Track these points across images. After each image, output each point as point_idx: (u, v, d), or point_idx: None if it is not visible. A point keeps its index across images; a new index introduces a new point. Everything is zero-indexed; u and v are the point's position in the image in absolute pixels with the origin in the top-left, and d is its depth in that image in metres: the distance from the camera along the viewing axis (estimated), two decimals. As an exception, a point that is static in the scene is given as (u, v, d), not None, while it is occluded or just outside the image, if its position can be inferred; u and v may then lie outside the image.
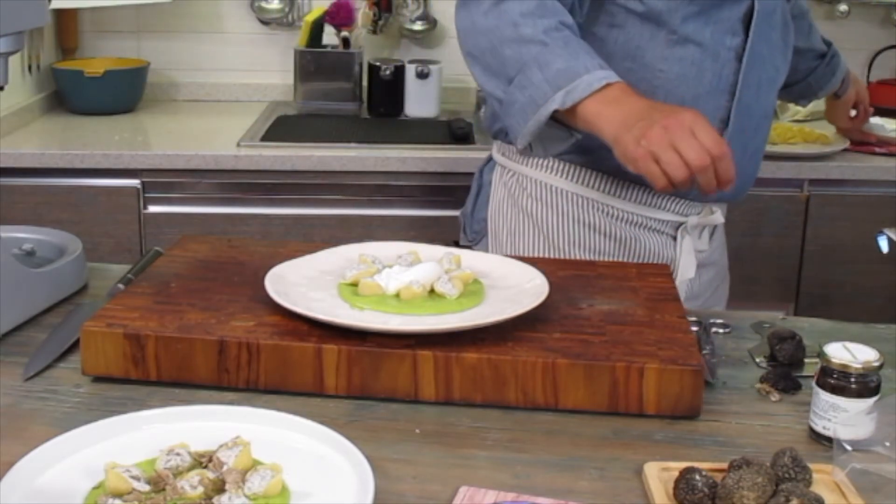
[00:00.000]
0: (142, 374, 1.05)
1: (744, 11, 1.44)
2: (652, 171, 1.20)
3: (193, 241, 1.32)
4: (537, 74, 1.31)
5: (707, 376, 1.07)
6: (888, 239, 2.46)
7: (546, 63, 1.31)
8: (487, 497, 0.85)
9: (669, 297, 1.18)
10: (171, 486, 0.82)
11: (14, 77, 2.64)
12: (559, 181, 1.52)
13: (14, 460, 0.84)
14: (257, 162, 2.44)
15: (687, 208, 1.53)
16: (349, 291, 1.13)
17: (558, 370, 1.01)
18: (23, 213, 2.36)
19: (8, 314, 1.16)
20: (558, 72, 1.30)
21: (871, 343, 0.99)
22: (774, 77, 1.53)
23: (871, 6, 3.01)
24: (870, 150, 2.58)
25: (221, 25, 3.04)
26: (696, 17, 1.42)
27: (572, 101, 1.28)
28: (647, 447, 0.96)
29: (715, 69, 1.44)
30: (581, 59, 1.31)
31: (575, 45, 1.33)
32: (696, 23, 1.42)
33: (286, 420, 0.93)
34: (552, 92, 1.30)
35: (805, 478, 0.86)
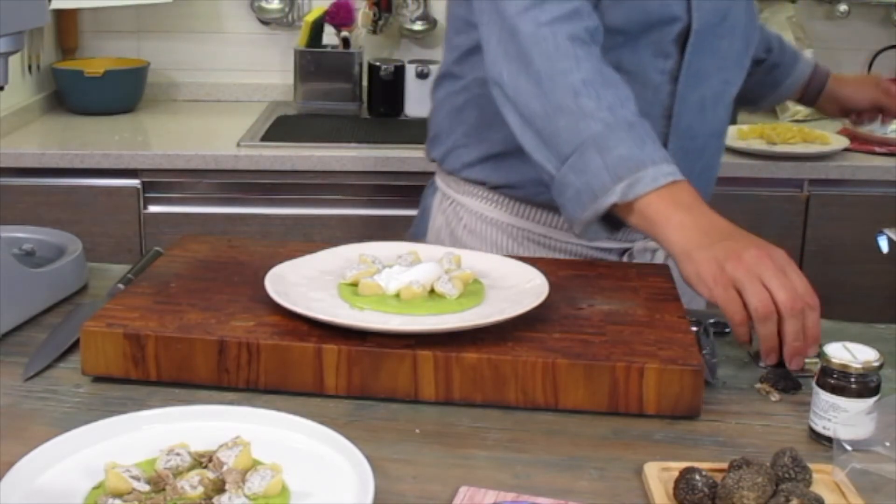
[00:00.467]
0: (142, 374, 1.05)
1: (677, 32, 1.34)
2: (731, 300, 1.08)
3: (193, 241, 1.32)
4: (596, 159, 1.18)
5: (707, 376, 1.07)
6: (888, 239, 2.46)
7: (607, 147, 1.18)
8: (487, 497, 0.85)
9: (669, 297, 1.18)
10: (171, 486, 0.82)
11: (14, 77, 2.64)
12: (495, 212, 1.45)
13: (14, 460, 0.84)
14: (257, 162, 2.44)
15: (629, 234, 1.41)
16: (349, 291, 1.13)
17: (558, 370, 1.01)
18: (23, 213, 2.36)
19: (8, 314, 1.16)
20: (620, 159, 1.17)
21: (871, 343, 0.99)
22: (723, 91, 1.44)
23: (871, 6, 3.01)
24: (870, 149, 2.58)
25: (221, 25, 3.04)
26: (623, 45, 1.32)
27: (634, 196, 1.16)
28: (647, 447, 0.96)
29: (646, 95, 1.32)
30: (647, 148, 1.18)
31: (640, 130, 1.20)
32: (623, 51, 1.32)
33: (286, 420, 0.93)
34: (612, 182, 1.17)
35: (805, 478, 0.86)
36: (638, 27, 1.33)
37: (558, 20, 1.23)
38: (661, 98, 1.37)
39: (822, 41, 3.04)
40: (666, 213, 1.16)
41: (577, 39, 1.23)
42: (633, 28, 1.33)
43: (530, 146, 1.25)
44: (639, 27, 1.33)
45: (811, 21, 3.04)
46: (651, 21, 1.33)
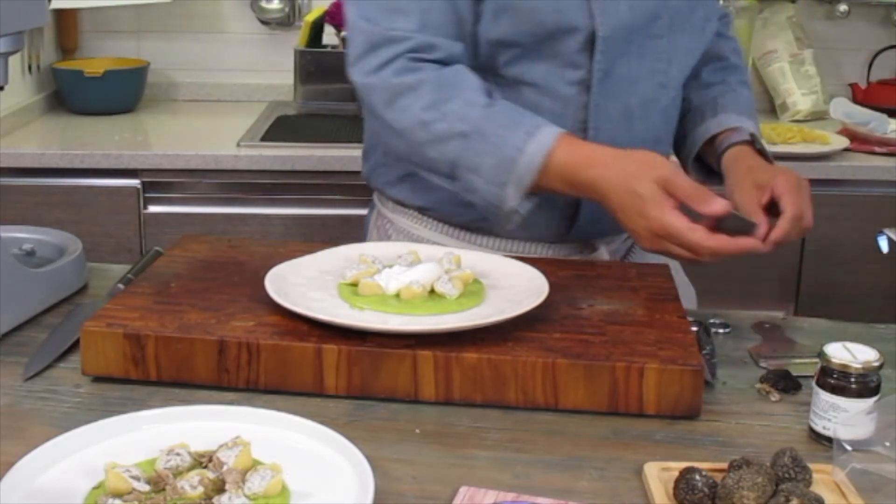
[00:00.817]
0: (142, 374, 1.05)
1: (582, 41, 1.26)
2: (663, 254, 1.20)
3: (193, 241, 1.32)
4: (477, 180, 1.21)
5: (707, 376, 1.07)
6: (888, 239, 2.46)
7: (476, 165, 1.20)
8: (487, 497, 0.85)
9: (669, 297, 1.18)
10: (171, 486, 0.82)
11: (14, 77, 2.64)
12: (422, 230, 1.41)
13: (14, 460, 0.84)
14: (257, 162, 2.43)
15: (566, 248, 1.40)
16: (349, 291, 1.13)
17: (558, 370, 1.01)
18: (23, 213, 2.36)
19: (8, 314, 1.16)
20: (493, 169, 1.20)
21: (871, 343, 0.99)
22: (657, 96, 1.34)
23: (871, 6, 3.01)
24: (870, 149, 2.58)
25: (221, 25, 3.04)
26: (522, 57, 1.27)
27: (527, 189, 1.20)
28: (647, 447, 0.96)
29: (555, 108, 1.28)
30: (507, 140, 1.19)
31: (492, 124, 1.20)
32: (524, 63, 1.28)
33: (286, 420, 0.93)
34: (501, 191, 1.20)
35: (805, 478, 0.86)
36: (532, 39, 1.26)
37: (384, 64, 1.23)
38: (573, 110, 1.29)
39: (822, 41, 3.04)
40: (561, 189, 1.22)
41: (403, 71, 1.22)
42: (526, 40, 1.26)
43: (425, 174, 1.29)
44: (533, 39, 1.26)
45: (811, 21, 3.04)
46: (545, 32, 1.26)
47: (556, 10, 1.25)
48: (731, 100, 1.44)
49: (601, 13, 1.25)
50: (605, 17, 1.25)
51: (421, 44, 1.22)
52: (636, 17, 1.28)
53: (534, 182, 1.20)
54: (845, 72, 3.08)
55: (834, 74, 3.05)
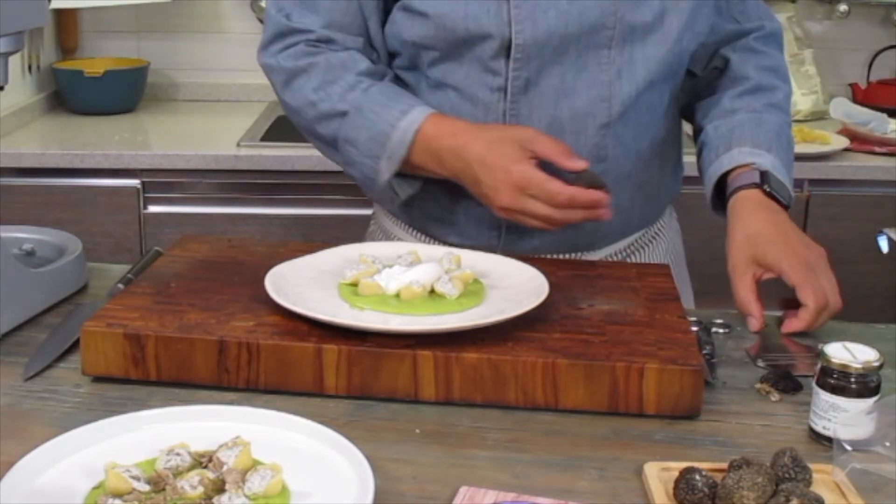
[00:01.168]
0: (142, 374, 1.05)
1: (496, 48, 1.24)
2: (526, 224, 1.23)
3: (193, 241, 1.32)
4: (354, 151, 1.27)
5: (707, 376, 1.07)
6: (888, 239, 2.46)
7: (353, 138, 1.27)
8: (487, 497, 0.85)
9: (669, 297, 1.18)
10: (171, 486, 0.82)
11: (14, 77, 2.64)
12: (397, 229, 1.44)
13: (14, 460, 0.84)
14: (257, 162, 2.44)
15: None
16: (349, 291, 1.13)
17: (558, 370, 1.01)
18: (23, 213, 2.36)
19: (8, 314, 1.16)
20: (368, 142, 1.26)
21: (871, 343, 0.99)
22: (591, 112, 1.27)
23: (871, 6, 3.01)
24: (870, 149, 2.58)
25: (221, 25, 3.04)
26: (442, 61, 1.28)
27: (398, 163, 1.25)
28: (647, 447, 0.96)
29: (476, 113, 1.28)
30: (382, 117, 1.25)
31: (371, 103, 1.26)
32: (446, 65, 1.28)
33: (286, 420, 0.93)
34: (375, 164, 1.26)
35: (805, 478, 0.86)
36: (446, 44, 1.26)
37: (285, 48, 1.31)
38: (494, 118, 1.28)
39: (822, 41, 3.04)
40: (424, 166, 1.26)
41: (300, 55, 1.30)
42: (440, 45, 1.27)
43: (318, 148, 1.36)
44: (447, 44, 1.26)
45: (811, 21, 3.04)
46: (457, 38, 1.25)
47: (467, 15, 1.23)
48: (750, 129, 1.34)
49: (521, 20, 1.23)
50: (525, 25, 1.23)
51: (321, 37, 1.30)
52: (569, 26, 1.23)
53: (405, 157, 1.25)
54: (845, 72, 3.08)
55: (834, 74, 3.05)
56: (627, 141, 1.31)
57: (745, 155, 1.31)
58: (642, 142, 1.33)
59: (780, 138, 1.34)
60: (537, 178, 1.19)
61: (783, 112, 1.38)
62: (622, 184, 1.32)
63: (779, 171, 1.30)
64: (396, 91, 1.29)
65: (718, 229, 1.31)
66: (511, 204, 1.21)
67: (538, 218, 1.22)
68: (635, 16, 1.25)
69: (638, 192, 1.36)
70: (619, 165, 1.32)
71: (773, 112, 1.36)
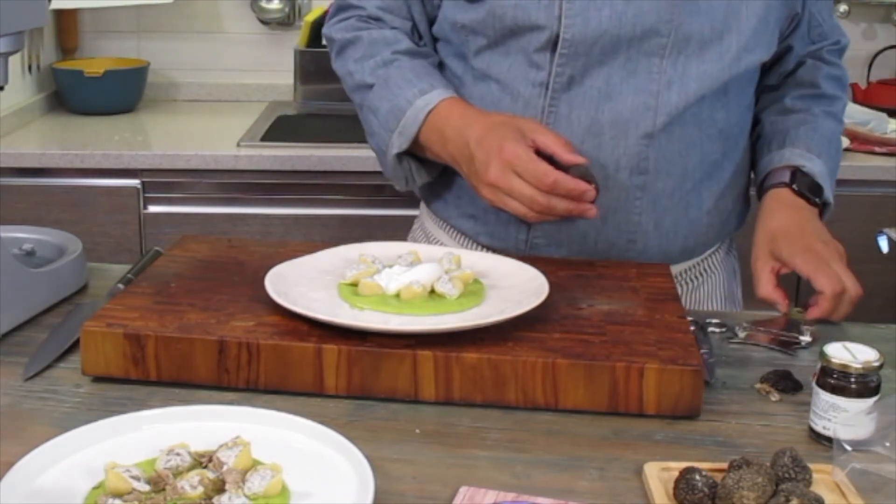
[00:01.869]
0: (142, 374, 1.05)
1: (544, 42, 1.23)
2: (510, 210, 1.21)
3: (193, 241, 1.32)
4: (374, 121, 1.32)
5: (706, 376, 1.07)
6: (888, 239, 2.46)
7: (376, 108, 1.31)
8: (487, 497, 0.85)
9: (669, 297, 1.18)
10: (171, 486, 0.82)
11: (14, 77, 2.64)
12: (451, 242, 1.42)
13: (14, 460, 0.84)
14: (257, 162, 2.44)
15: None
16: (349, 291, 1.13)
17: (558, 370, 1.01)
18: (23, 213, 2.36)
19: (8, 314, 1.16)
20: (387, 114, 1.29)
21: (871, 343, 0.99)
22: (634, 120, 1.25)
23: (871, 6, 3.01)
24: (870, 149, 2.58)
25: (221, 25, 3.04)
26: (488, 49, 1.28)
27: (408, 140, 1.27)
28: (647, 447, 0.96)
29: (515, 108, 1.27)
30: (403, 93, 1.28)
31: (398, 79, 1.29)
32: (491, 56, 1.28)
33: (286, 420, 0.93)
34: (387, 136, 1.29)
35: (805, 478, 0.86)
36: (494, 31, 1.26)
37: (340, 20, 1.39)
38: (534, 114, 1.26)
39: (822, 41, 3.04)
40: (429, 145, 1.28)
41: (350, 28, 1.37)
42: (489, 32, 1.26)
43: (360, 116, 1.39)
44: (495, 31, 1.26)
45: (811, 21, 3.04)
46: (506, 27, 1.24)
47: (517, 4, 1.23)
48: (806, 133, 1.36)
49: (572, 15, 1.22)
50: (575, 20, 1.22)
51: (372, 14, 1.37)
52: (622, 27, 1.22)
53: (415, 134, 1.27)
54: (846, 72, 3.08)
55: (834, 74, 3.04)
56: (672, 156, 1.28)
57: (796, 156, 1.34)
58: (689, 159, 1.29)
59: (830, 146, 1.37)
60: (527, 156, 1.17)
61: (838, 122, 1.42)
62: (663, 202, 1.30)
63: (823, 178, 1.33)
64: (427, 70, 1.31)
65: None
66: (496, 179, 1.18)
67: (522, 199, 1.18)
68: (692, 27, 1.23)
69: (682, 216, 1.32)
70: (661, 181, 1.29)
71: (830, 120, 1.40)
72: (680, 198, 1.31)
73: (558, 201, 1.18)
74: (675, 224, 1.32)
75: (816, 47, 1.43)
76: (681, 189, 1.30)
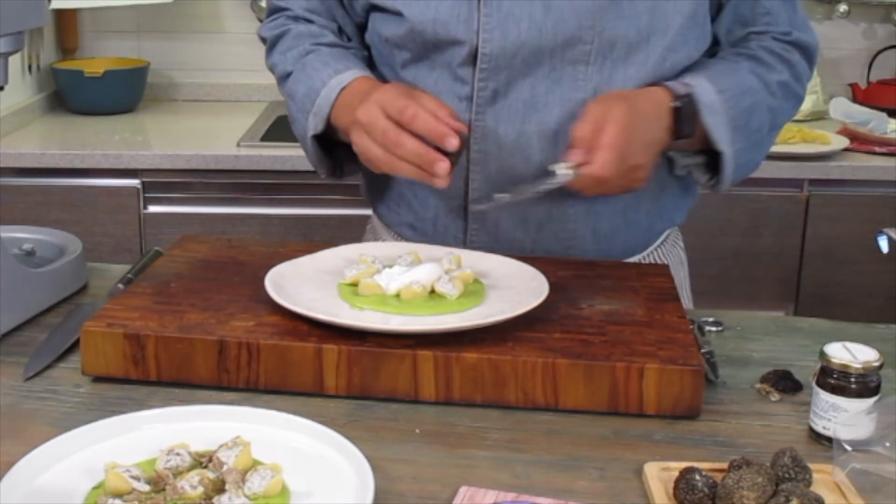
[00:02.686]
0: (142, 374, 1.05)
1: (465, 56, 1.21)
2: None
3: (193, 241, 1.32)
4: (293, 106, 1.31)
5: (710, 375, 1.07)
6: (888, 239, 2.46)
7: (293, 92, 1.30)
8: (487, 497, 0.85)
9: (669, 297, 1.18)
10: (171, 486, 0.82)
11: (14, 77, 2.64)
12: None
13: (14, 460, 0.84)
14: (257, 162, 2.44)
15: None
16: (349, 291, 1.13)
17: (558, 370, 1.01)
18: (23, 213, 2.36)
19: (8, 314, 1.16)
20: (303, 97, 1.28)
21: (871, 343, 0.99)
22: (563, 129, 1.20)
23: (871, 6, 3.01)
24: (870, 149, 2.58)
25: (221, 25, 3.04)
26: (414, 63, 1.26)
27: (322, 122, 1.25)
28: (647, 447, 0.96)
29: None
30: (319, 74, 1.26)
31: (316, 62, 1.29)
32: (417, 70, 1.26)
33: (286, 420, 0.93)
34: (304, 119, 1.27)
35: (805, 478, 0.86)
36: (416, 45, 1.24)
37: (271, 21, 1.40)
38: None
39: (822, 41, 3.03)
40: (343, 125, 1.23)
41: (278, 26, 1.37)
42: (410, 45, 1.25)
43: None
44: (416, 45, 1.24)
45: (811, 21, 3.03)
46: (426, 41, 1.23)
47: (436, 19, 1.21)
48: (718, 67, 1.25)
49: (490, 28, 1.19)
50: (493, 34, 1.19)
51: (299, 14, 1.38)
52: (542, 38, 1.19)
53: (328, 115, 1.25)
54: (845, 72, 3.08)
55: (834, 74, 3.05)
56: None
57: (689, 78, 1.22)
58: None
59: (743, 96, 1.23)
60: (397, 98, 1.13)
61: (766, 89, 1.26)
62: (598, 209, 1.29)
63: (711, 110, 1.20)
64: (344, 55, 1.30)
65: (718, 229, 1.32)
66: (362, 115, 1.14)
67: (375, 132, 1.12)
68: (616, 32, 1.19)
69: (620, 219, 1.31)
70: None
71: (753, 78, 1.25)
72: (615, 202, 1.29)
73: (409, 141, 1.11)
74: (613, 227, 1.31)
75: (758, 30, 1.30)
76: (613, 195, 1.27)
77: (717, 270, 2.51)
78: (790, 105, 1.31)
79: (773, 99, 1.27)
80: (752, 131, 1.25)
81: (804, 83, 1.33)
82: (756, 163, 1.31)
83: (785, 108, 1.30)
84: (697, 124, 1.21)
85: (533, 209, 1.25)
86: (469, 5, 1.20)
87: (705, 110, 1.21)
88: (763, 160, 1.32)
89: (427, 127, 1.11)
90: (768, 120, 1.28)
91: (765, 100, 1.26)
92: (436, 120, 1.11)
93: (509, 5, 1.19)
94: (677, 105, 1.19)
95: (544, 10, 1.19)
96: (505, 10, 1.19)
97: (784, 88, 1.29)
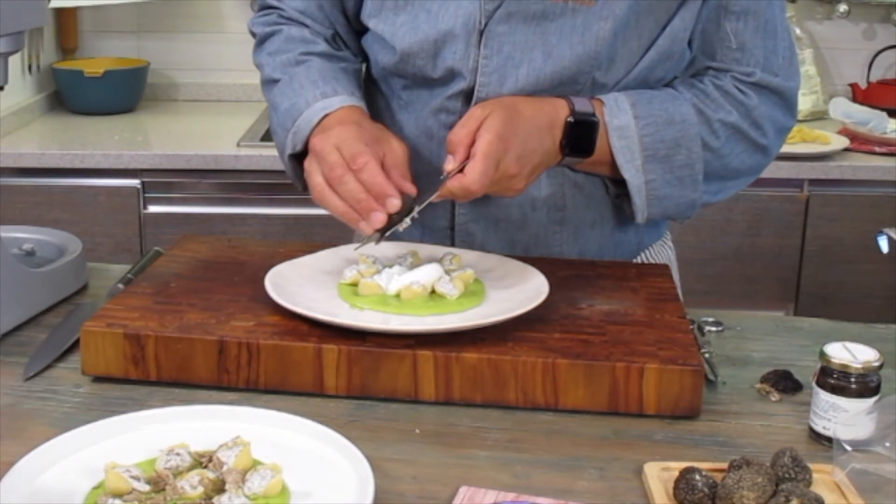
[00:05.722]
0: (142, 374, 1.05)
1: (457, 92, 1.21)
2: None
3: (193, 241, 1.32)
4: (274, 118, 1.27)
5: (710, 374, 1.07)
6: (888, 239, 2.46)
7: (277, 104, 1.26)
8: (487, 497, 0.85)
9: (669, 297, 1.18)
10: (171, 486, 0.82)
11: (14, 77, 2.64)
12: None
13: (14, 460, 0.84)
14: (257, 162, 2.44)
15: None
16: (349, 291, 1.13)
17: (558, 370, 1.01)
18: (23, 213, 2.36)
19: (8, 314, 1.16)
20: (285, 112, 1.24)
21: (871, 343, 0.99)
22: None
23: (871, 6, 3.01)
24: (870, 149, 2.58)
25: (221, 25, 3.04)
26: (412, 87, 1.26)
27: (301, 142, 1.20)
28: (647, 447, 0.96)
29: (430, 146, 1.25)
30: (305, 93, 1.22)
31: (303, 78, 1.24)
32: (416, 92, 1.26)
33: (286, 420, 0.93)
34: (283, 135, 1.24)
35: (805, 478, 0.86)
36: (412, 76, 1.24)
37: (263, 16, 1.39)
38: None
39: (822, 41, 3.04)
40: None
41: (270, 23, 1.36)
42: (407, 75, 1.24)
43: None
44: (413, 76, 1.24)
45: (811, 21, 3.04)
46: (425, 75, 1.22)
47: (436, 55, 1.20)
48: (645, 94, 1.20)
49: (488, 73, 1.19)
50: (491, 78, 1.18)
51: (292, 16, 1.35)
52: (538, 85, 1.18)
53: (307, 137, 1.19)
54: (845, 72, 3.08)
55: (834, 74, 3.05)
56: (590, 189, 1.26)
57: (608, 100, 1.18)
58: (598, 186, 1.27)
59: (668, 126, 1.18)
60: (355, 142, 1.10)
61: (705, 122, 1.20)
62: (585, 233, 1.30)
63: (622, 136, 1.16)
64: (335, 74, 1.25)
65: (718, 229, 1.31)
66: (317, 144, 1.13)
67: (324, 164, 1.11)
68: (608, 77, 1.19)
69: (608, 240, 1.32)
70: (580, 214, 1.28)
71: (688, 107, 1.20)
72: (602, 225, 1.30)
73: (352, 182, 1.08)
74: (601, 247, 1.32)
75: (718, 67, 1.23)
76: (602, 218, 1.29)
77: (717, 270, 2.51)
78: (741, 150, 1.24)
79: (714, 138, 1.21)
80: (675, 166, 1.20)
81: (766, 129, 1.24)
82: (690, 200, 1.23)
83: (735, 152, 1.23)
84: (605, 145, 1.18)
85: (520, 233, 1.27)
86: (467, 41, 1.18)
87: (615, 133, 1.17)
88: (709, 200, 1.25)
89: (371, 181, 1.08)
90: (709, 159, 1.22)
91: (700, 137, 1.20)
92: (383, 178, 1.09)
93: (510, 49, 1.18)
94: (571, 121, 1.16)
95: (544, 56, 1.17)
96: (505, 53, 1.18)
97: (730, 130, 1.22)
